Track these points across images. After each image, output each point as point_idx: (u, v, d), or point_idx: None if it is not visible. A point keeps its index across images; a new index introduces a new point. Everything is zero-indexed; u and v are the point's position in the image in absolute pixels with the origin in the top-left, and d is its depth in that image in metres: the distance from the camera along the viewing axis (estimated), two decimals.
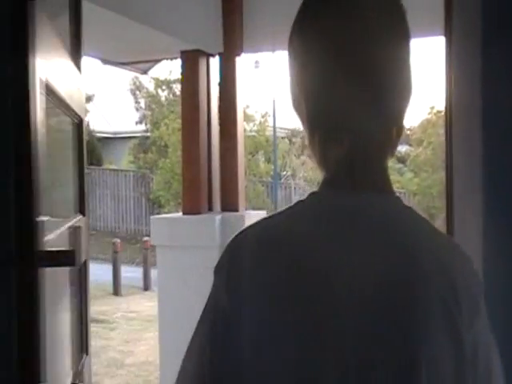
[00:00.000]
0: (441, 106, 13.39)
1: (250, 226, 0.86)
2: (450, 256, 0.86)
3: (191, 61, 3.51)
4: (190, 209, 3.56)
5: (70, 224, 1.54)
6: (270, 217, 0.87)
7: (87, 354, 1.79)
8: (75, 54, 1.82)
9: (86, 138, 1.95)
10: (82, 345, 1.79)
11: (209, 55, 3.60)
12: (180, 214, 3.69)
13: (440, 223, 12.28)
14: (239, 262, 0.82)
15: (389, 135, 0.85)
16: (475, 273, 0.88)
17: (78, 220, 1.76)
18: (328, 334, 0.78)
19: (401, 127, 0.86)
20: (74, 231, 1.55)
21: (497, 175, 1.91)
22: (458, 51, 1.98)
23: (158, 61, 4.18)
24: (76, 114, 1.75)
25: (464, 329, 0.81)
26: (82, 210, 1.84)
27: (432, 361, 0.79)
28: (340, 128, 0.84)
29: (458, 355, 0.81)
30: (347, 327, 0.78)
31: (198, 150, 3.64)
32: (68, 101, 1.56)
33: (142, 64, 4.21)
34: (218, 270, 0.83)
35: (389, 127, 0.85)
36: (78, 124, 1.84)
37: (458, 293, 0.82)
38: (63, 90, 1.43)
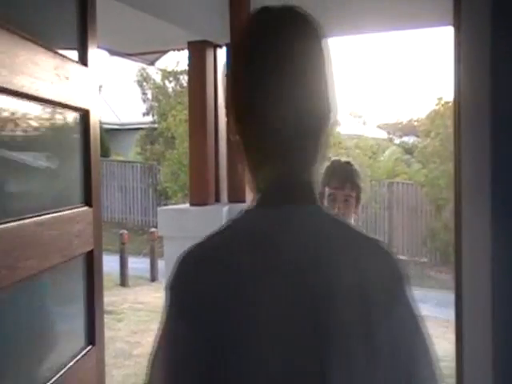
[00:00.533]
0: (449, 97, 13.31)
1: (194, 247, 0.94)
2: (365, 255, 0.94)
3: (198, 51, 3.49)
4: (198, 200, 3.56)
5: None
6: (211, 236, 0.94)
7: (94, 345, 1.80)
8: (81, 46, 1.82)
9: (97, 127, 1.94)
10: (88, 335, 1.79)
11: (216, 46, 3.59)
12: (187, 205, 3.69)
13: (448, 214, 12.23)
14: (182, 282, 0.91)
15: (310, 152, 0.96)
16: (392, 266, 0.95)
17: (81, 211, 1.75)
18: (251, 337, 0.86)
19: (321, 145, 0.96)
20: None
21: (505, 166, 1.89)
22: (467, 41, 1.97)
23: (165, 52, 4.16)
24: (73, 107, 1.75)
25: (375, 324, 0.89)
26: (88, 201, 1.83)
27: (344, 357, 0.87)
28: (270, 154, 0.95)
29: (368, 349, 0.88)
30: (264, 339, 0.86)
31: (205, 141, 3.63)
32: (50, 96, 1.55)
33: (149, 55, 4.20)
34: (167, 289, 0.92)
35: (310, 146, 0.95)
36: (84, 116, 1.84)
37: (369, 289, 0.90)
38: (30, 88, 1.43)
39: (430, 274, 11.95)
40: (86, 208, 1.83)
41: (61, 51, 1.67)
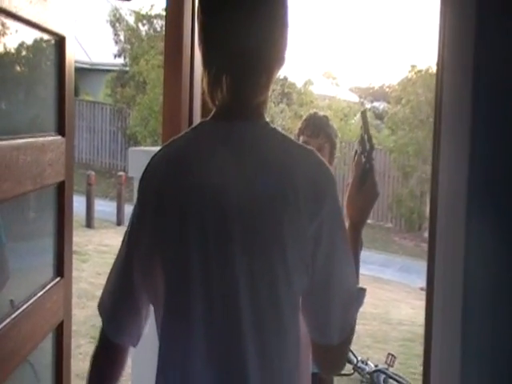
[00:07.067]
0: (422, 65, 13.34)
1: (160, 149, 1.20)
2: (298, 162, 1.10)
3: None
4: None
5: None
6: (173, 140, 1.18)
7: (63, 277, 1.78)
8: None
9: (73, 57, 1.88)
10: (57, 267, 1.78)
11: None
12: (159, 147, 3.63)
13: (414, 182, 12.40)
14: (143, 176, 1.17)
15: (259, 80, 1.11)
16: (321, 172, 1.11)
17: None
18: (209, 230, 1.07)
19: (270, 74, 1.12)
20: None
21: (486, 136, 1.90)
22: (452, 9, 1.94)
23: None
24: (51, 31, 1.68)
25: (306, 221, 1.06)
26: (61, 130, 1.80)
27: (284, 251, 1.05)
28: (221, 77, 1.10)
29: (302, 240, 1.06)
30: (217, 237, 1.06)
31: (180, 85, 3.54)
32: (28, 16, 1.50)
33: None
34: (138, 184, 1.17)
35: (259, 74, 1.11)
36: (59, 42, 1.77)
37: (299, 193, 1.06)
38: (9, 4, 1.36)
39: (395, 240, 12.17)
40: (59, 137, 1.78)
41: None
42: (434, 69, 11.54)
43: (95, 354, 1.23)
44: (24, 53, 1.67)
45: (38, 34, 1.67)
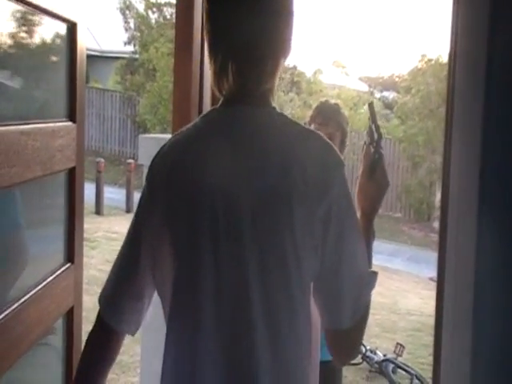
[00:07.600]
0: (432, 54, 13.25)
1: (171, 138, 1.20)
2: (307, 147, 1.11)
3: None
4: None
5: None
6: (183, 130, 1.18)
7: (73, 263, 1.79)
8: None
9: (84, 44, 1.88)
10: (67, 253, 1.79)
11: None
12: (169, 135, 3.63)
13: (423, 172, 12.34)
14: (152, 163, 1.19)
15: (265, 68, 1.12)
16: (329, 154, 1.12)
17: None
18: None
19: (276, 62, 1.13)
20: None
21: (498, 127, 1.87)
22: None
23: None
24: (61, 17, 1.68)
25: (315, 204, 1.07)
26: (72, 116, 1.80)
27: (293, 234, 1.06)
28: (227, 65, 1.11)
29: (311, 222, 1.07)
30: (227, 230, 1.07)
31: (190, 73, 3.53)
32: (39, 1, 1.49)
33: None
34: (147, 170, 1.19)
35: (265, 62, 1.12)
36: (70, 29, 1.77)
37: (307, 176, 1.07)
38: None
39: (403, 230, 12.14)
40: (69, 123, 1.78)
41: None
42: (444, 58, 11.47)
43: (89, 336, 1.22)
44: (35, 39, 1.67)
45: (49, 20, 1.67)
